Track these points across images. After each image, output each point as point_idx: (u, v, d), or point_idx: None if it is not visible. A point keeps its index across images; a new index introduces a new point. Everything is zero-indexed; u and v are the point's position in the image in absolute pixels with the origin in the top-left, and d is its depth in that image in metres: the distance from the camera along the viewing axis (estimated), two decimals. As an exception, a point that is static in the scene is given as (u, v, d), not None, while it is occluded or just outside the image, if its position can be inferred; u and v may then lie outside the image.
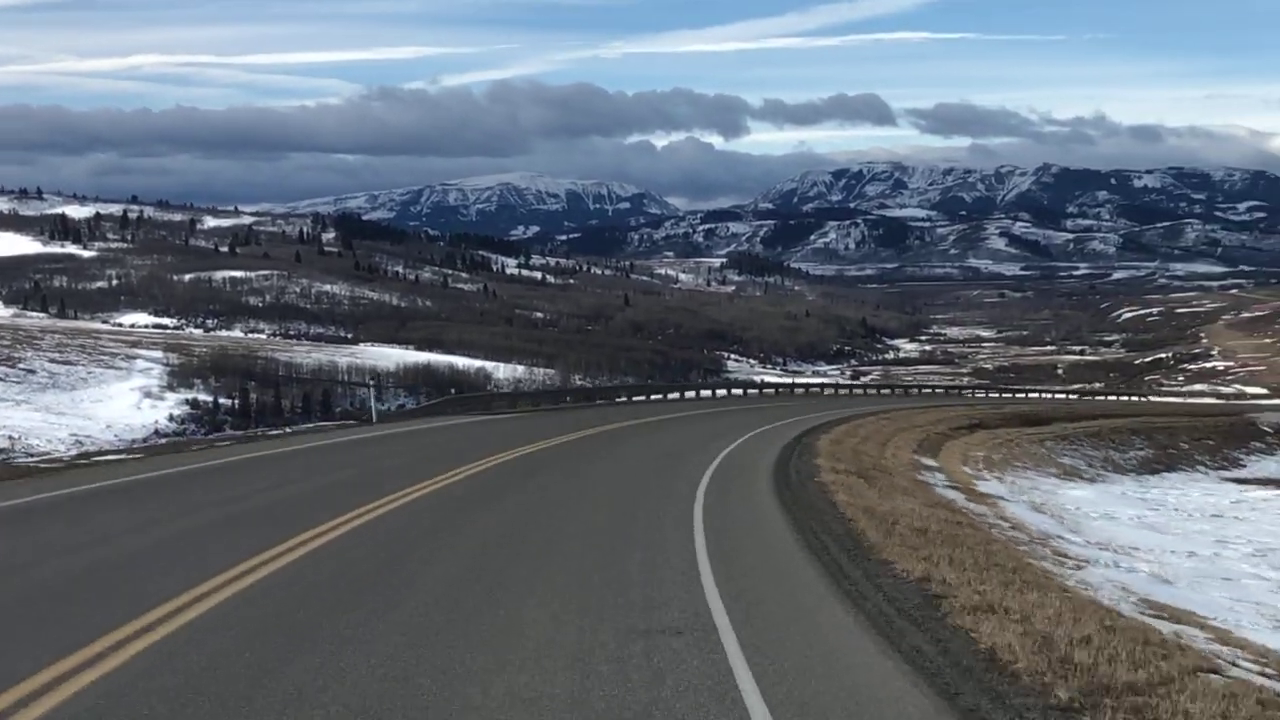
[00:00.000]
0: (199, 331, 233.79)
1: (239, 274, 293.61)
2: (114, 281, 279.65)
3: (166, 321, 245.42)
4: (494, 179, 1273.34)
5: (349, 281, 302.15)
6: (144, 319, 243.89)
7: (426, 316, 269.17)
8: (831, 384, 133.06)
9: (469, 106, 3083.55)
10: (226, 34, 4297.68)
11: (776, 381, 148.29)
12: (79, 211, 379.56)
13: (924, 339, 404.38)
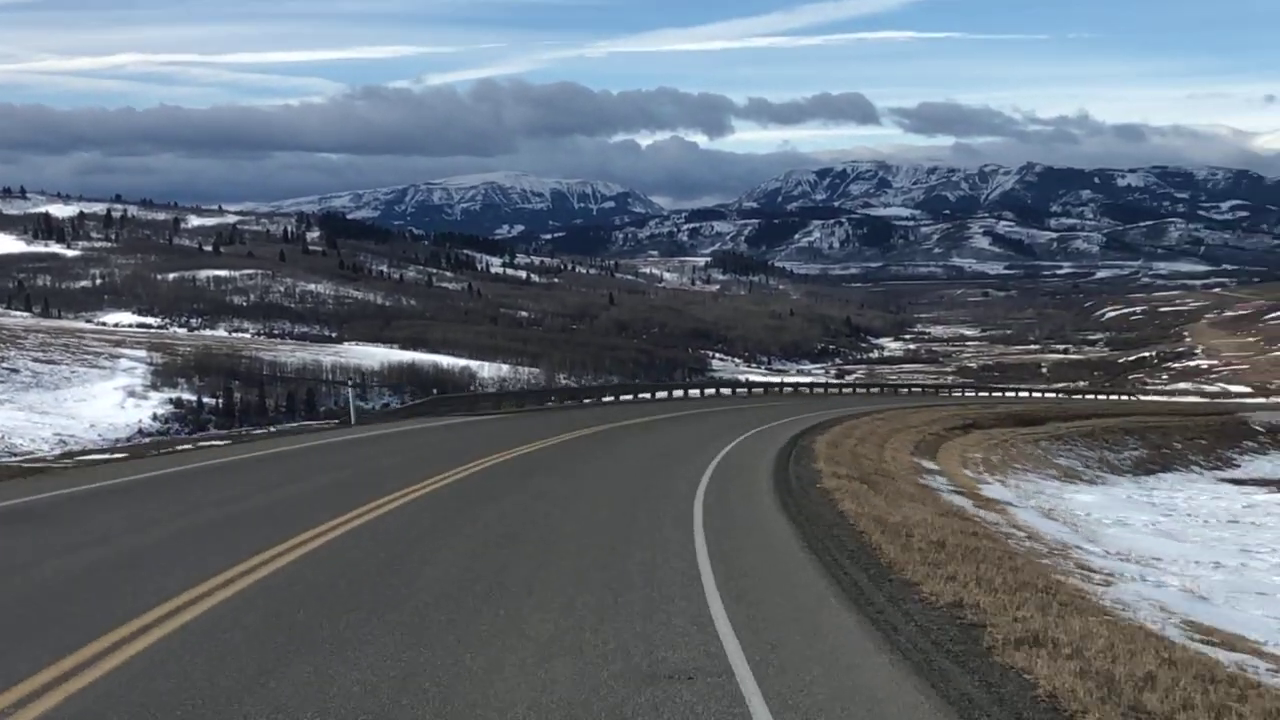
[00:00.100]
0: (183, 331, 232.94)
1: (223, 273, 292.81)
2: (98, 281, 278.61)
3: (150, 321, 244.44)
4: (479, 178, 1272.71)
5: (333, 281, 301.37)
6: (128, 318, 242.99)
7: (411, 315, 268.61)
8: (817, 383, 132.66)
9: (453, 105, 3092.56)
10: (210, 33, 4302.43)
11: (763, 380, 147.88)
12: (63, 211, 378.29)
13: (908, 338, 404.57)
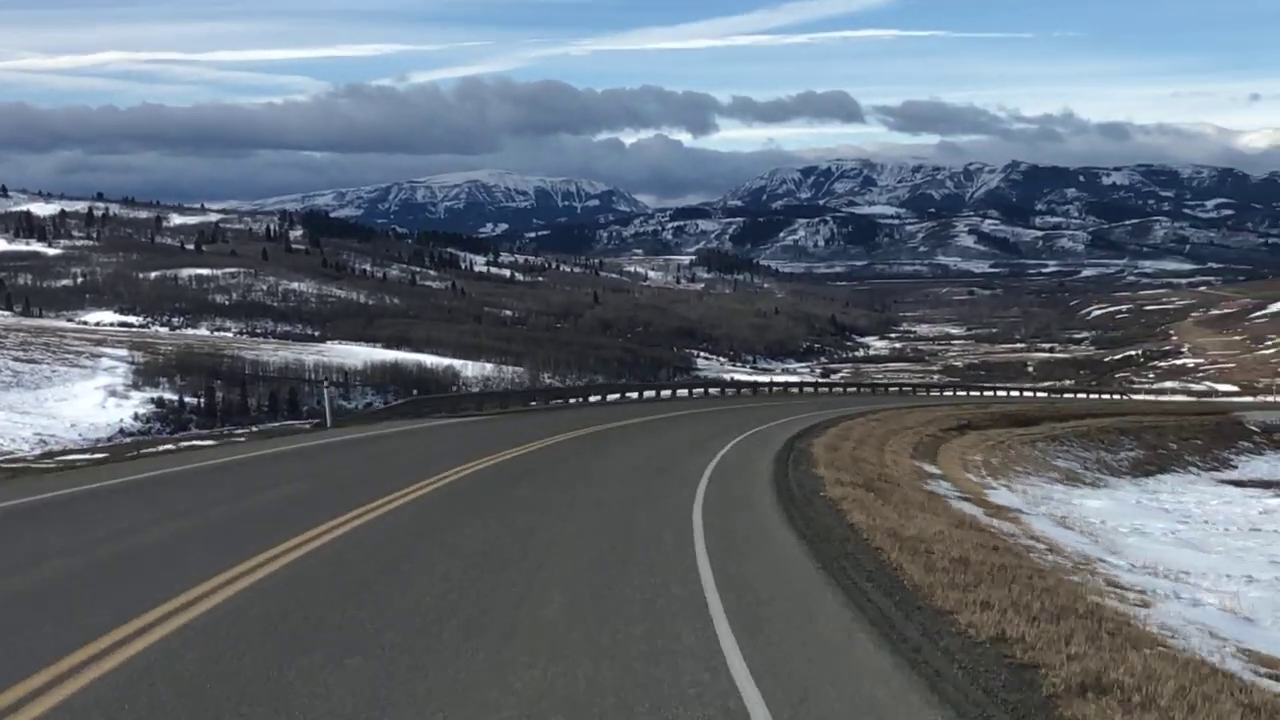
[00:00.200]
0: (164, 330, 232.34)
1: (205, 272, 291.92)
2: (79, 279, 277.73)
3: (132, 320, 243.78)
4: (462, 176, 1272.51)
5: (316, 279, 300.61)
6: (109, 317, 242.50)
7: (394, 314, 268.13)
8: (804, 382, 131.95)
9: (437, 104, 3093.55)
10: (193, 31, 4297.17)
11: (751, 380, 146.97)
12: (44, 209, 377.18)
13: (894, 336, 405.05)
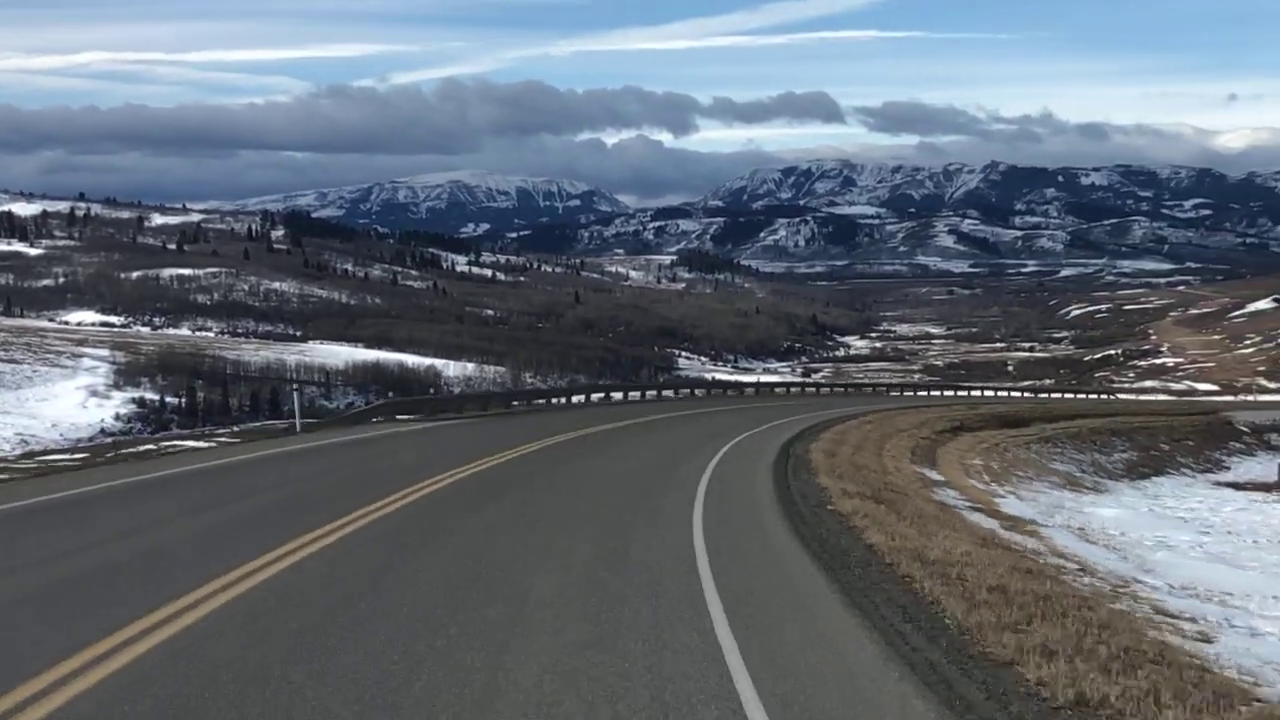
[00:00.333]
0: (146, 330, 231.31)
1: (187, 271, 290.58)
2: (61, 279, 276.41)
3: (114, 319, 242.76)
4: (444, 176, 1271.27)
5: (298, 279, 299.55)
6: (91, 317, 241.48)
7: (376, 314, 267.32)
8: (789, 383, 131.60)
9: (418, 104, 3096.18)
10: (175, 31, 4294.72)
11: (735, 380, 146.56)
12: (26, 209, 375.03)
13: (874, 336, 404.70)
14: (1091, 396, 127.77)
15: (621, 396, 73.19)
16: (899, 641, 11.51)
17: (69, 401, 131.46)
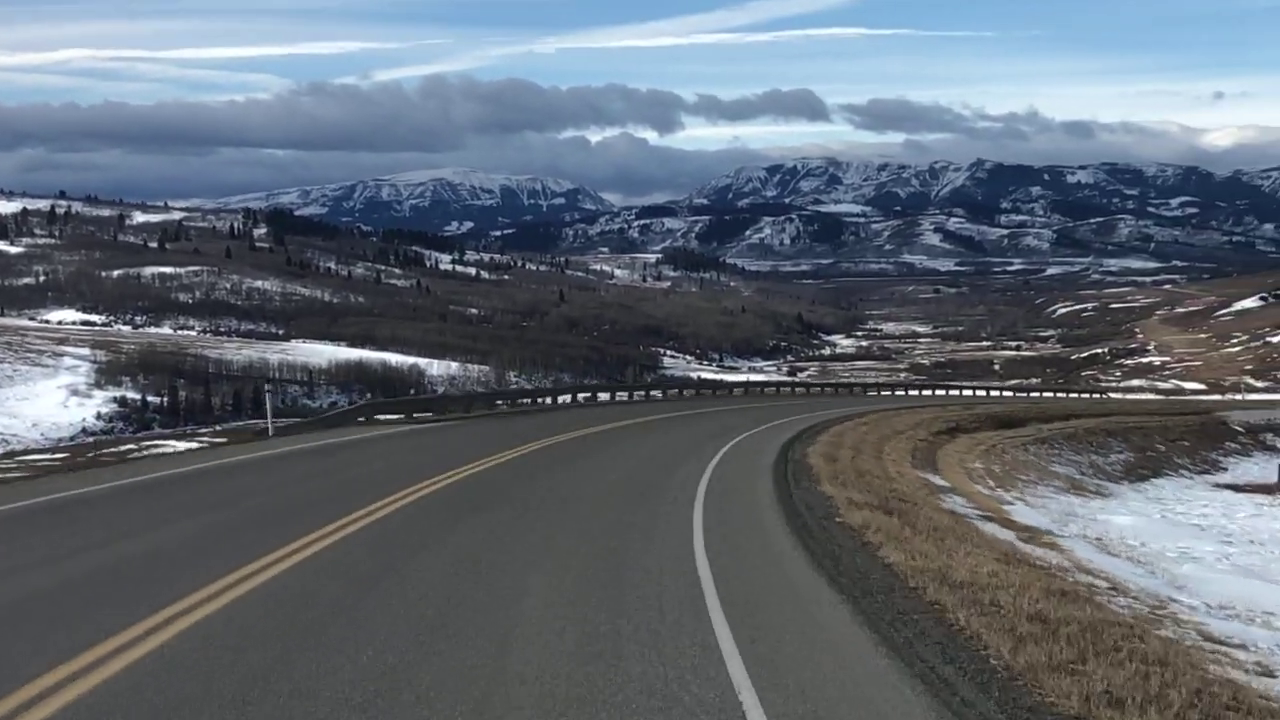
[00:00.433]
0: (127, 328, 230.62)
1: (168, 270, 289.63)
2: (41, 278, 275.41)
3: (94, 318, 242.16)
4: (427, 174, 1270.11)
5: (280, 277, 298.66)
6: (72, 315, 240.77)
7: (359, 313, 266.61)
8: (780, 382, 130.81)
9: (401, 102, 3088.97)
10: (155, 28, 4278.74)
11: (723, 380, 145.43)
12: (6, 207, 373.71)
13: (860, 334, 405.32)
14: (1084, 396, 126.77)
15: (608, 397, 72.06)
16: (945, 692, 9.90)
17: (50, 401, 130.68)
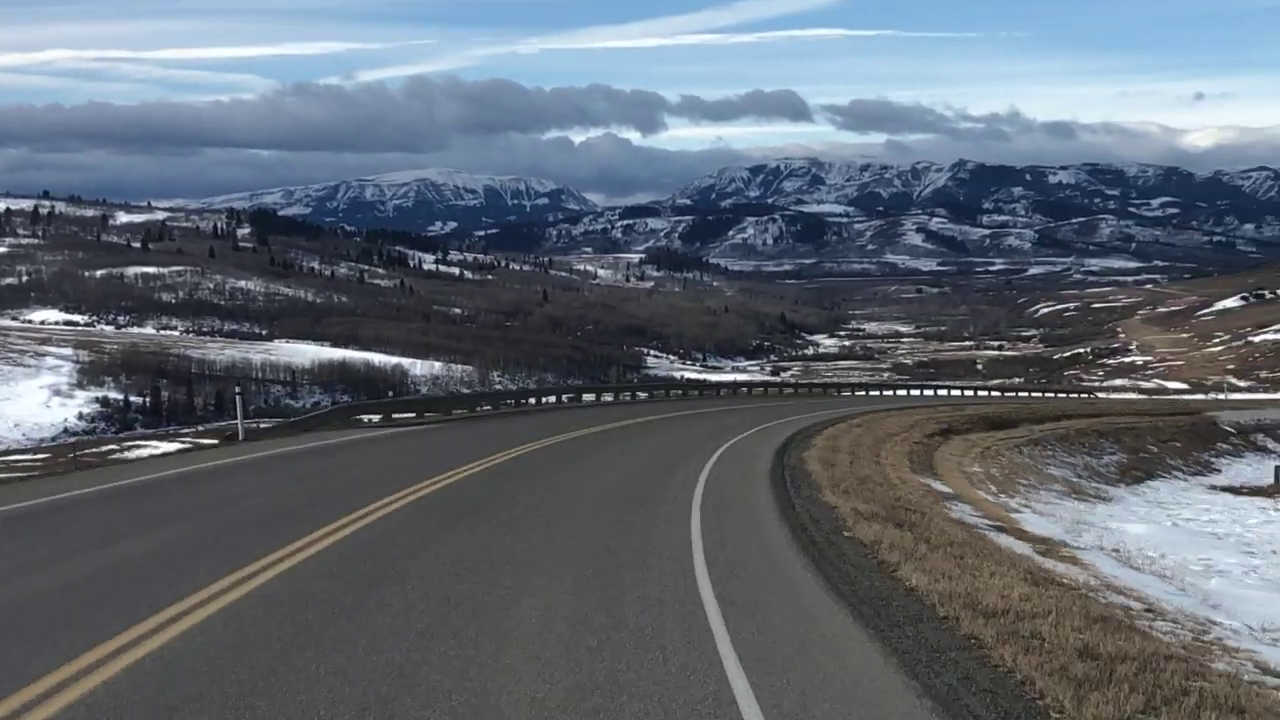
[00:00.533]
0: (110, 329, 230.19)
1: (151, 270, 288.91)
2: (24, 278, 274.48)
3: (77, 318, 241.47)
4: (411, 175, 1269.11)
5: (264, 277, 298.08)
6: (54, 316, 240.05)
7: (343, 313, 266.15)
8: (766, 382, 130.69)
9: (385, 102, 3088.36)
10: (140, 29, 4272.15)
11: (712, 380, 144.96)
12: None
13: (843, 334, 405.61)
14: (1073, 396, 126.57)
15: (593, 398, 71.52)
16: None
17: (32, 401, 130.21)
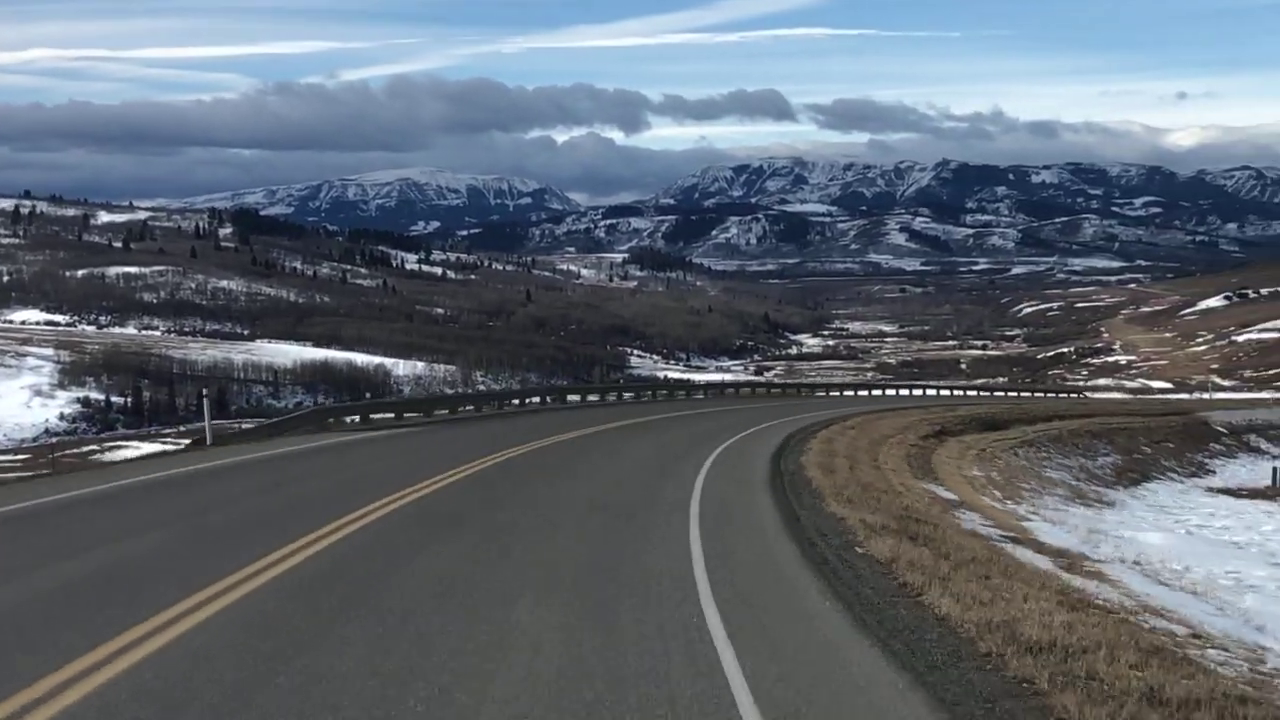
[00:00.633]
0: (91, 329, 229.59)
1: (133, 270, 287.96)
2: (5, 278, 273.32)
3: (58, 318, 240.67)
4: (394, 174, 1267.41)
5: (246, 277, 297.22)
6: (35, 316, 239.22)
7: (325, 312, 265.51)
8: (752, 382, 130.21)
9: (367, 101, 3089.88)
10: (120, 28, 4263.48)
11: (696, 381, 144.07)
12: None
13: (827, 334, 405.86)
14: (1063, 396, 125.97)
15: (578, 399, 70.55)
16: None
17: (13, 401, 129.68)
